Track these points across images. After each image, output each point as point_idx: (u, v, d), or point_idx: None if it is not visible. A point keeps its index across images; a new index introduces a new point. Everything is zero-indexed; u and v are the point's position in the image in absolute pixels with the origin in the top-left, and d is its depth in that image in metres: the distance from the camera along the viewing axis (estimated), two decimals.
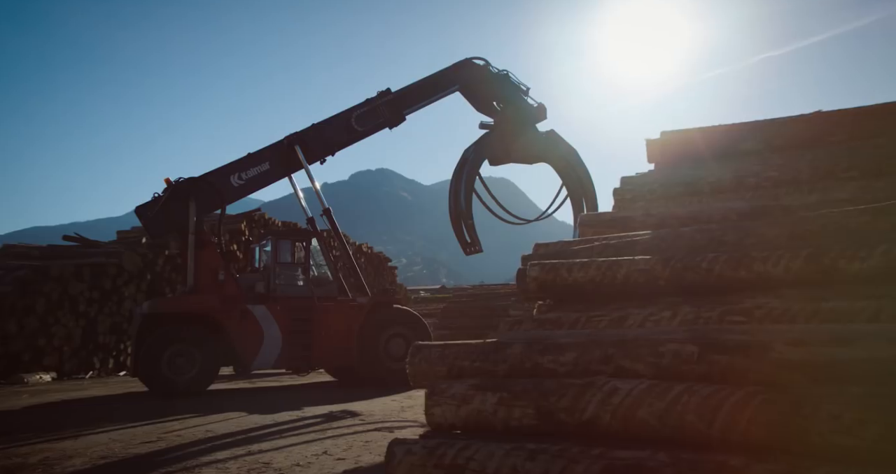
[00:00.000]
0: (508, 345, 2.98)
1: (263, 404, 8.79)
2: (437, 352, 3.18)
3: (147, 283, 17.35)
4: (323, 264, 11.76)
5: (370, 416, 7.53)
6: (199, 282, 10.36)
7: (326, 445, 5.82)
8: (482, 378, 2.90)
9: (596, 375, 2.67)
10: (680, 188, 5.75)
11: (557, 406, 2.60)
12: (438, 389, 2.92)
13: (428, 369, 3.18)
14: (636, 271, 3.54)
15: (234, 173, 11.07)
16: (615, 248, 4.16)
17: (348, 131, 11.81)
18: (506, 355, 2.96)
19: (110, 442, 6.17)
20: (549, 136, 12.79)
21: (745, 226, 3.74)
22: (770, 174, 5.38)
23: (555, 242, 4.71)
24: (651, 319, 3.23)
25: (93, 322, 15.95)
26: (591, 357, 2.73)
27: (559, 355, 2.83)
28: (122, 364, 16.50)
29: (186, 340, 9.96)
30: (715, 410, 2.29)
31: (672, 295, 3.47)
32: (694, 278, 3.39)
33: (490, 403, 2.77)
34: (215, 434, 6.54)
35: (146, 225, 10.79)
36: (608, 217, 5.22)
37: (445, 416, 2.87)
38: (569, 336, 2.90)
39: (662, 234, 4.01)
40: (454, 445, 2.59)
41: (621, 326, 3.30)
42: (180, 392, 9.72)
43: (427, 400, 2.95)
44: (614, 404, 2.50)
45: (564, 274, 3.75)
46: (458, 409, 2.84)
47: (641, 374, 2.59)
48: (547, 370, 2.84)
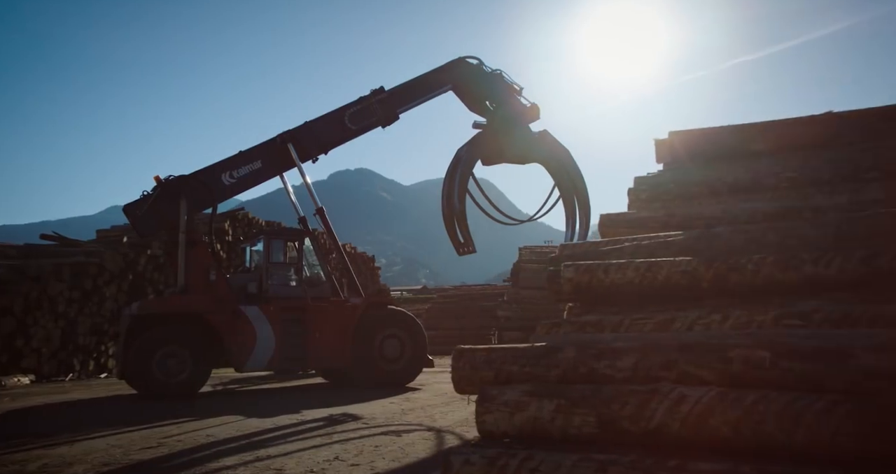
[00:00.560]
0: (559, 350, 2.88)
1: (259, 407, 8.61)
2: (483, 356, 3.07)
3: (129, 283, 16.99)
4: (316, 264, 11.58)
5: (372, 420, 7.40)
6: (190, 282, 10.14)
7: (336, 450, 5.68)
8: (534, 383, 2.80)
9: (657, 381, 2.58)
10: (697, 188, 5.69)
11: (621, 414, 2.51)
12: (489, 395, 2.81)
13: (473, 374, 3.07)
14: (678, 273, 3.46)
15: (226, 171, 10.86)
16: (648, 249, 4.08)
17: (341, 129, 11.65)
18: (557, 360, 2.86)
19: (109, 448, 5.97)
20: (542, 137, 12.73)
21: (785, 227, 3.68)
22: (789, 174, 5.33)
23: (581, 243, 4.63)
24: (700, 322, 3.15)
25: (73, 323, 15.58)
26: (651, 362, 2.64)
27: (616, 360, 2.73)
28: (103, 366, 16.18)
29: (177, 342, 9.74)
30: (796, 420, 2.21)
31: (715, 297, 3.40)
32: (739, 280, 3.31)
33: (547, 410, 2.66)
34: (217, 438, 6.37)
35: (135, 223, 10.55)
36: (629, 217, 5.14)
37: (498, 424, 2.76)
38: (625, 340, 2.81)
39: (698, 235, 3.93)
40: (516, 455, 2.49)
41: (668, 330, 3.22)
42: (171, 395, 9.50)
43: (478, 406, 2.83)
44: (683, 412, 2.41)
45: (601, 275, 3.66)
46: (512, 417, 2.74)
47: (708, 381, 2.50)
48: (603, 375, 2.74)
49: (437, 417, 7.53)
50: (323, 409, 8.25)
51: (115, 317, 16.23)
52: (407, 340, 11.01)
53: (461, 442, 2.83)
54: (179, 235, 10.18)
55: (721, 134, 6.70)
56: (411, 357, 11.01)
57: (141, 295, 17.00)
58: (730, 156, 6.41)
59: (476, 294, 24.06)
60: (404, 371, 10.96)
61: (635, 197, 5.97)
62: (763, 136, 6.43)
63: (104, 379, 15.16)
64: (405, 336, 11.02)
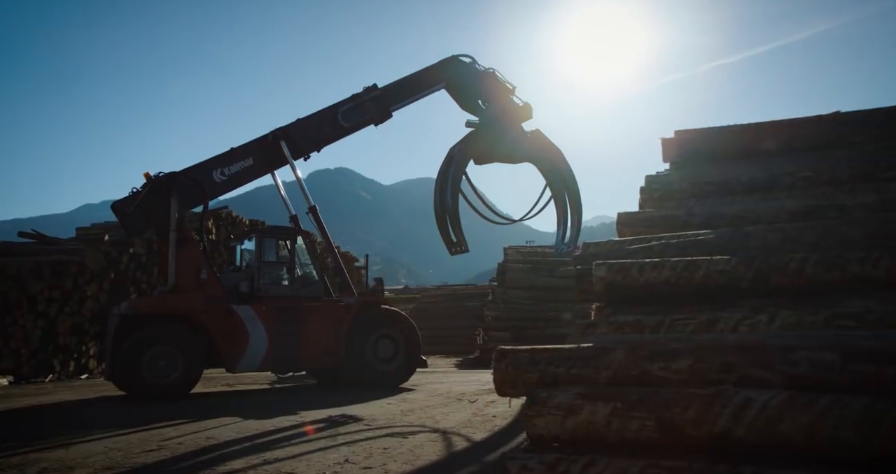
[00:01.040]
0: (609, 351, 2.81)
1: (254, 408, 8.45)
2: (527, 357, 2.99)
3: (110, 283, 16.67)
4: (308, 263, 11.42)
5: (374, 421, 7.29)
6: (181, 281, 9.93)
7: (344, 452, 5.57)
8: (586, 386, 2.72)
9: (716, 384, 2.51)
10: (711, 187, 5.65)
11: (682, 418, 2.43)
12: (538, 398, 2.73)
13: (516, 376, 2.98)
14: (716, 272, 3.41)
15: (217, 168, 10.67)
16: (677, 248, 4.02)
17: (334, 127, 11.50)
18: (607, 361, 2.78)
19: (108, 451, 5.81)
20: (535, 136, 12.68)
21: (823, 226, 3.64)
22: (805, 174, 5.32)
23: (605, 241, 4.56)
24: (745, 323, 3.09)
25: (52, 322, 15.23)
26: (709, 364, 2.57)
27: (671, 362, 2.66)
28: (84, 366, 15.85)
29: (168, 342, 9.53)
30: (875, 425, 2.15)
31: (755, 297, 3.35)
32: (780, 279, 3.26)
33: (602, 414, 2.58)
34: (218, 441, 6.22)
35: (123, 221, 10.30)
36: (648, 216, 5.09)
37: (549, 428, 2.67)
38: (679, 341, 2.74)
39: (729, 234, 3.89)
40: (577, 461, 2.41)
41: (712, 330, 3.16)
42: (161, 396, 9.30)
43: (527, 410, 2.75)
44: (750, 417, 2.34)
45: (635, 274, 3.60)
46: (565, 420, 2.65)
47: (772, 384, 2.43)
48: (658, 378, 2.66)
49: (439, 418, 7.44)
50: (320, 410, 8.13)
51: (96, 316, 15.92)
52: (401, 340, 10.90)
53: (514, 447, 2.73)
54: (170, 233, 9.96)
55: (729, 133, 6.69)
56: (405, 357, 10.90)
57: (123, 294, 16.70)
58: (737, 156, 6.40)
59: (460, 294, 23.98)
60: (398, 371, 10.85)
61: (648, 195, 5.92)
62: (773, 136, 6.42)
63: (85, 379, 14.84)
64: (399, 336, 10.91)
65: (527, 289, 18.24)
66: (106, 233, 18.08)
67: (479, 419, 7.33)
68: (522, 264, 18.98)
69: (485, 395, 9.49)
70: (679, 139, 6.88)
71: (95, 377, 15.35)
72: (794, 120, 6.74)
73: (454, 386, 10.83)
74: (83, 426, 7.26)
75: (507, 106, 12.55)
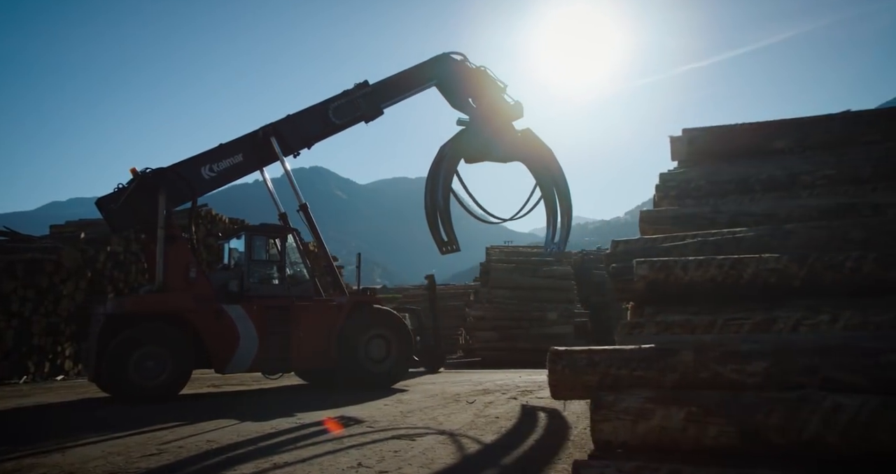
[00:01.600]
0: (675, 352, 2.70)
1: (249, 410, 8.25)
2: (584, 358, 2.87)
3: (87, 281, 16.25)
4: (298, 262, 11.20)
5: (375, 423, 7.13)
6: (169, 279, 9.66)
7: (355, 456, 5.41)
8: (657, 389, 2.61)
9: (797, 388, 2.42)
10: (729, 185, 5.60)
11: (766, 424, 2.33)
12: (605, 402, 2.61)
13: (574, 378, 2.86)
14: (766, 270, 3.33)
15: (205, 165, 10.41)
16: (715, 246, 3.94)
17: (325, 123, 11.30)
18: (674, 363, 2.68)
19: (107, 456, 5.57)
20: (526, 135, 12.59)
21: (875, 223, 3.57)
22: (826, 172, 5.28)
23: (635, 239, 4.47)
24: (805, 323, 3.00)
25: (27, 322, 14.79)
26: (788, 366, 2.48)
27: (745, 364, 2.56)
28: (60, 368, 15.42)
29: (156, 342, 9.26)
30: None
31: (808, 296, 3.27)
32: (835, 278, 3.19)
33: (677, 419, 2.47)
34: (220, 444, 6.01)
35: (108, 218, 10.00)
36: (672, 214, 5.02)
37: (617, 433, 2.56)
38: (751, 342, 2.64)
39: (769, 231, 3.82)
40: (659, 469, 2.30)
41: (769, 331, 3.08)
42: (149, 398, 9.03)
43: (593, 414, 2.63)
44: (842, 423, 2.25)
45: (679, 272, 3.51)
46: (635, 425, 2.54)
47: (860, 388, 2.35)
48: (731, 381, 2.57)
49: (441, 420, 7.31)
50: (317, 412, 7.95)
51: (72, 316, 15.52)
52: (393, 340, 10.74)
53: (588, 456, 2.60)
54: (158, 231, 9.69)
55: (739, 131, 6.64)
56: (398, 357, 10.74)
57: (100, 293, 16.29)
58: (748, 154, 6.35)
59: (442, 294, 23.78)
60: (391, 372, 10.69)
61: (664, 193, 5.85)
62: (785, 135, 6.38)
63: (61, 381, 14.43)
64: (392, 336, 10.74)
65: (511, 289, 18.18)
66: (82, 231, 17.66)
67: (483, 420, 7.21)
68: (506, 264, 18.91)
69: (481, 396, 9.38)
70: (689, 137, 6.83)
71: (72, 378, 14.96)
72: (804, 118, 6.72)
73: (447, 387, 10.70)
74: (74, 429, 7.01)
75: (498, 104, 12.45)
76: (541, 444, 5.98)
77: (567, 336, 17.04)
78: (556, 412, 7.86)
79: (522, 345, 16.63)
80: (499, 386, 10.92)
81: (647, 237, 4.47)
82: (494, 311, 17.82)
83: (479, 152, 12.46)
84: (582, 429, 6.54)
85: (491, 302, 18.14)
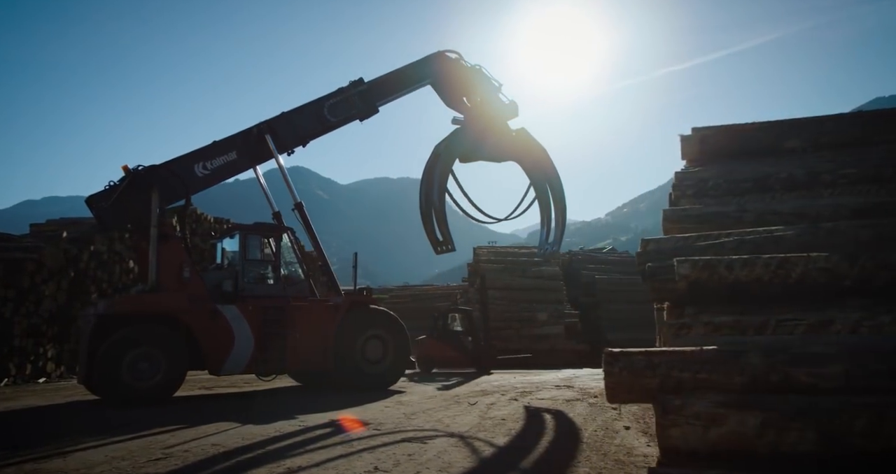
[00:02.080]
0: (741, 354, 2.62)
1: (248, 413, 8.08)
2: (643, 360, 2.78)
3: (69, 282, 15.89)
4: (294, 262, 11.03)
5: (381, 425, 7.00)
6: (163, 279, 9.45)
7: (368, 460, 5.29)
8: (719, 392, 2.52)
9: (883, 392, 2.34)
10: (748, 184, 5.57)
11: (851, 430, 2.26)
12: (673, 407, 2.52)
13: (633, 381, 2.77)
14: (816, 270, 3.27)
15: (199, 162, 10.21)
16: (753, 244, 3.88)
17: (321, 121, 11.16)
18: (741, 365, 2.60)
19: (111, 460, 5.40)
20: (520, 135, 12.52)
21: None
22: (846, 171, 5.25)
23: (665, 237, 4.40)
24: (865, 325, 2.95)
25: (8, 323, 14.41)
26: (868, 369, 2.41)
27: (820, 367, 2.48)
28: (42, 370, 15.06)
29: (150, 343, 9.04)
30: None
31: (860, 296, 3.21)
32: (889, 277, 3.14)
33: (752, 425, 2.39)
34: (227, 448, 5.85)
35: (99, 216, 9.76)
36: (696, 213, 4.97)
37: (688, 439, 2.46)
38: (824, 344, 2.57)
39: (810, 230, 3.76)
40: None
41: (826, 332, 3.01)
42: (142, 400, 8.82)
43: (661, 419, 2.53)
44: None
45: (724, 272, 3.44)
46: (707, 431, 2.45)
47: None
48: (804, 384, 2.49)
49: (447, 421, 7.20)
50: (319, 414, 7.81)
51: (54, 317, 15.18)
52: (390, 341, 10.61)
53: (657, 464, 2.49)
54: (151, 230, 9.47)
55: (751, 130, 6.61)
56: (394, 358, 10.62)
57: (83, 294, 15.97)
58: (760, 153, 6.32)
59: (429, 294, 23.74)
60: (388, 373, 10.56)
61: (681, 192, 5.79)
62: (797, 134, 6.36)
63: (44, 384, 14.10)
64: (388, 337, 10.62)
65: (500, 290, 18.12)
66: (64, 230, 17.28)
67: (490, 422, 7.12)
68: (495, 264, 18.84)
69: (481, 397, 9.30)
70: (700, 136, 6.79)
71: (54, 381, 14.62)
72: (815, 118, 6.70)
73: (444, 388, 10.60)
74: (70, 432, 6.81)
75: (493, 103, 12.36)
76: (555, 447, 5.89)
77: (557, 336, 17.00)
78: (560, 414, 7.80)
79: (514, 346, 16.57)
80: (496, 387, 10.85)
81: (678, 236, 4.40)
82: (486, 312, 17.74)
83: (473, 151, 12.37)
84: (592, 431, 6.48)
85: (481, 302, 18.06)
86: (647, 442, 5.84)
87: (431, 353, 15.56)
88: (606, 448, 5.63)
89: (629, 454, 5.37)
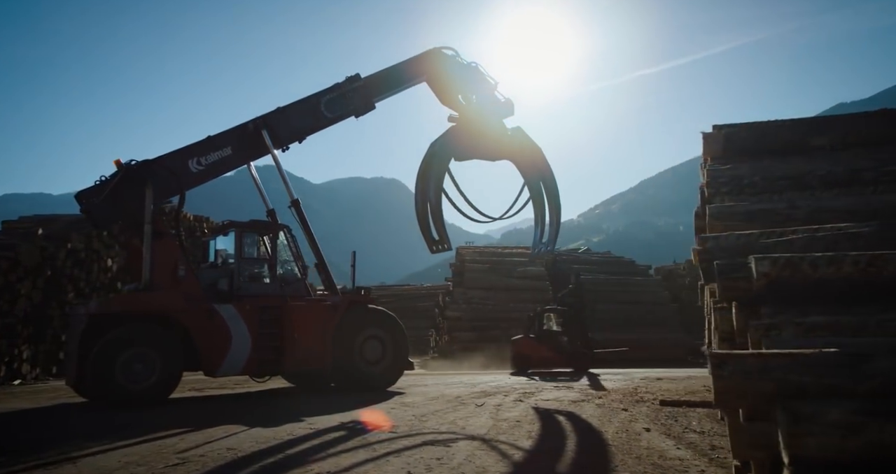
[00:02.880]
0: (868, 357, 2.48)
1: (250, 415, 7.83)
2: (757, 363, 2.63)
3: (45, 280, 15.37)
4: (290, 260, 10.76)
5: (396, 428, 6.80)
6: (157, 277, 9.13)
7: (397, 464, 5.11)
8: (851, 399, 2.37)
9: None
10: (785, 181, 5.50)
11: None
12: (804, 414, 2.37)
13: (747, 385, 2.61)
14: None
15: (193, 157, 9.91)
16: (826, 241, 3.79)
17: (316, 117, 10.92)
18: (870, 370, 2.46)
19: (126, 465, 5.14)
20: (516, 133, 12.41)
21: None
22: (890, 168, 5.21)
23: (725, 234, 4.28)
24: None
25: None
26: None
27: None
28: (17, 371, 14.54)
29: (145, 343, 8.73)
30: None
31: None
32: None
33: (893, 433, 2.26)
34: (244, 452, 5.62)
35: (89, 213, 9.40)
36: (743, 210, 4.88)
37: (824, 448, 2.31)
38: None
39: (889, 227, 3.67)
40: None
41: None
42: (137, 402, 8.51)
43: (791, 428, 2.37)
44: None
45: (807, 269, 3.32)
46: (845, 441, 2.30)
47: None
48: None
49: (461, 423, 7.04)
50: (325, 416, 7.59)
51: (29, 317, 14.67)
52: (388, 341, 10.41)
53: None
54: (144, 226, 9.15)
55: (776, 128, 6.55)
56: (393, 359, 10.42)
57: (59, 293, 15.48)
58: (784, 151, 6.26)
59: (412, 294, 23.51)
60: (386, 374, 10.36)
61: (715, 190, 5.71)
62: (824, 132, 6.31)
63: (19, 386, 13.60)
64: (387, 337, 10.42)
65: (487, 289, 18.00)
66: (39, 227, 16.73)
67: (505, 424, 6.97)
68: (480, 264, 18.72)
69: (484, 398, 9.16)
70: (725, 134, 6.72)
71: (30, 382, 14.12)
72: (841, 116, 6.67)
73: (443, 389, 10.44)
74: (67, 436, 6.52)
75: (489, 101, 12.22)
76: (582, 449, 5.77)
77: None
78: (572, 415, 7.69)
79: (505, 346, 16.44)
80: (494, 388, 10.71)
81: (738, 233, 4.29)
82: (471, 312, 17.60)
83: (468, 150, 12.21)
84: (614, 433, 6.37)
85: (467, 302, 17.91)
86: (675, 445, 5.76)
87: (528, 353, 15.30)
88: (637, 451, 5.52)
89: (662, 457, 5.27)
